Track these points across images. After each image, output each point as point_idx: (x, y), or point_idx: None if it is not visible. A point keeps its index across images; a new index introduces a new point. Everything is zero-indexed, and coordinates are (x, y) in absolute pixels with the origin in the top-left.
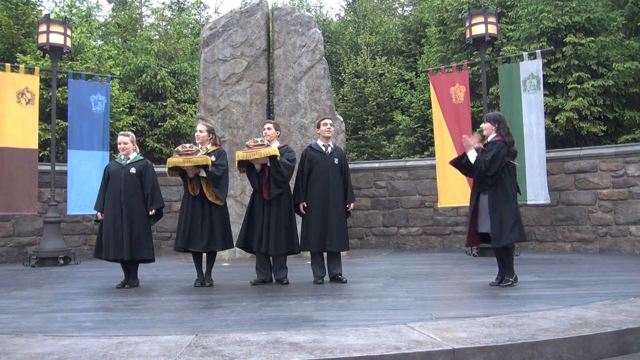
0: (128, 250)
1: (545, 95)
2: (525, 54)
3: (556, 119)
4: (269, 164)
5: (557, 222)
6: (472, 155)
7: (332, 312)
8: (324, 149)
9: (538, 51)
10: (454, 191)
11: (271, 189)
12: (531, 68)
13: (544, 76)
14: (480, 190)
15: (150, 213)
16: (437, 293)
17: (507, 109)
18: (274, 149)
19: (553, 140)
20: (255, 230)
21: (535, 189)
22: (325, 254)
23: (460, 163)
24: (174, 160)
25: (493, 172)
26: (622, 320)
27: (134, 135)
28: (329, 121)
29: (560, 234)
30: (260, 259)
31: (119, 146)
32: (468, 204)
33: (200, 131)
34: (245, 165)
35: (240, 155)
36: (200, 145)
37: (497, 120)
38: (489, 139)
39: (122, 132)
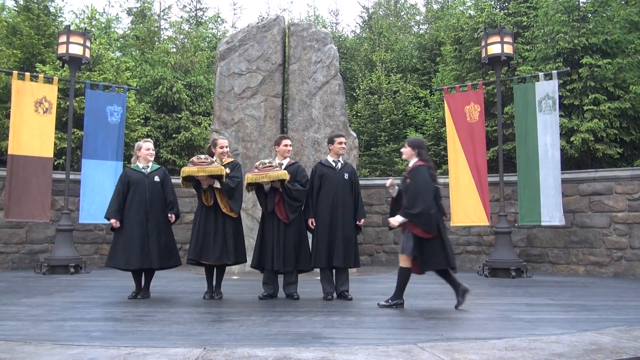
0: (157, 259)
1: (560, 116)
2: (541, 74)
3: (571, 140)
4: (280, 189)
5: (570, 244)
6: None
7: (341, 329)
8: (334, 164)
9: (554, 72)
10: (467, 210)
11: (289, 215)
12: (547, 88)
13: (560, 97)
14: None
15: (172, 220)
16: (448, 313)
17: (522, 129)
18: (283, 172)
19: (568, 162)
20: (267, 249)
21: (550, 210)
22: (334, 270)
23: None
24: (189, 170)
25: (424, 203)
26: (638, 347)
27: None
28: (343, 139)
29: (574, 257)
30: (268, 273)
31: (146, 152)
32: (481, 224)
33: (226, 146)
34: (254, 186)
35: (250, 177)
36: (215, 157)
37: (417, 146)
38: (410, 164)
39: (145, 139)
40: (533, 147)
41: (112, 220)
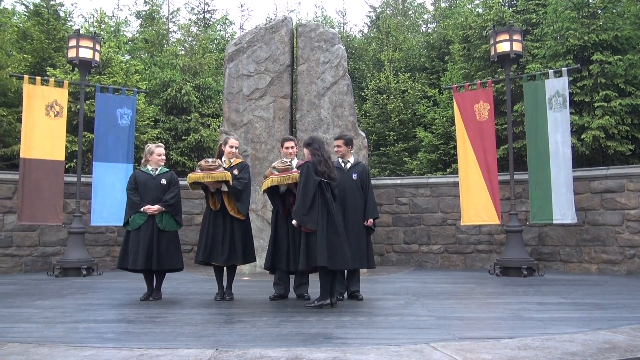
0: (156, 261)
1: (571, 113)
2: (550, 71)
3: (582, 137)
4: (294, 190)
5: (582, 242)
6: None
7: (352, 329)
8: (342, 164)
9: (564, 69)
10: (477, 209)
11: None
12: (557, 86)
13: (570, 94)
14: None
15: (147, 209)
16: (460, 313)
17: (533, 127)
18: None
19: (579, 159)
20: (281, 250)
21: (562, 208)
22: (345, 271)
23: None
24: (195, 176)
25: (301, 199)
26: None
27: None
28: (337, 141)
29: (586, 255)
30: (280, 274)
31: (158, 157)
32: (492, 222)
33: (236, 147)
34: (272, 189)
35: (275, 180)
36: (224, 159)
37: (307, 144)
38: None
39: (158, 144)
40: (544, 145)
41: (145, 208)
